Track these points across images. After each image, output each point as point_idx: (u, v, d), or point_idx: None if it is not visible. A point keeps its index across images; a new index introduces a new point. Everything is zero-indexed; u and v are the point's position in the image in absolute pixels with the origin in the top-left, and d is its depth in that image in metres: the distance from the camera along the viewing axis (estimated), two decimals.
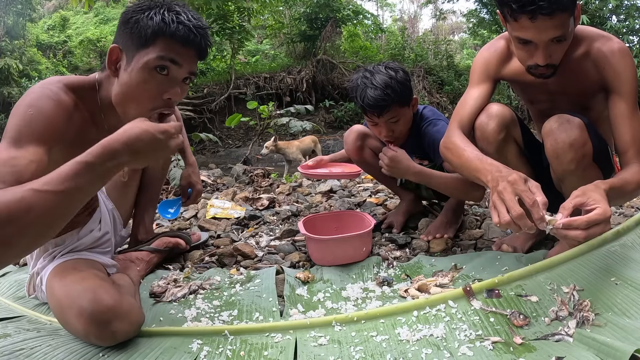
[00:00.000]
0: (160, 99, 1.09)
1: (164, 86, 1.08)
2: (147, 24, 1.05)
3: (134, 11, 1.08)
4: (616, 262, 1.35)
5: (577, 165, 1.30)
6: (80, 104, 1.12)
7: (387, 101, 1.63)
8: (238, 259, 1.76)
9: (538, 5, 1.12)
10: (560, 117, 1.30)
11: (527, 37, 1.22)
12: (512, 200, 1.05)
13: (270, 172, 3.71)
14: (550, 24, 1.16)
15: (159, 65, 1.06)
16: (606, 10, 10.19)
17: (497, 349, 1.05)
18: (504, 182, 1.09)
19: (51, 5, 20.43)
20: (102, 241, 1.48)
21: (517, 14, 1.17)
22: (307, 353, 1.09)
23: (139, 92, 1.07)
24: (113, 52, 1.08)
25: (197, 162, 1.84)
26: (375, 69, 1.70)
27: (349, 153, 1.99)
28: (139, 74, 1.06)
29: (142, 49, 1.06)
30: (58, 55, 16.29)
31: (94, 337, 1.09)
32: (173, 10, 1.07)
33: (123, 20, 1.10)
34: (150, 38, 1.05)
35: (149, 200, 1.72)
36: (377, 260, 1.62)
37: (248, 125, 7.21)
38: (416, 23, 25.20)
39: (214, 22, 9.45)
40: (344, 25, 12.22)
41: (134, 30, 1.05)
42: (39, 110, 1.02)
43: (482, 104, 1.45)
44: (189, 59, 1.10)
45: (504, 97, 10.74)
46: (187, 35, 1.07)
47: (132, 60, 1.07)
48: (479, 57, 1.50)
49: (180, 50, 1.08)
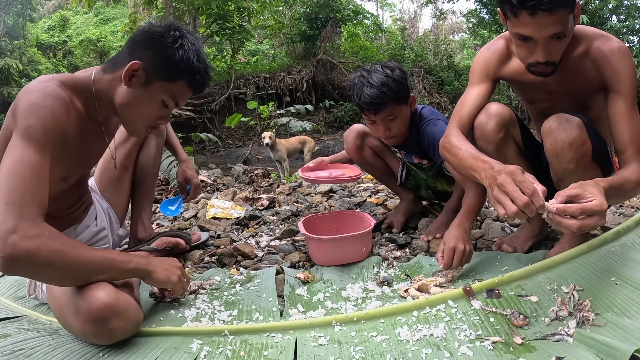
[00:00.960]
0: (153, 121, 1.27)
1: (160, 114, 1.25)
2: (178, 63, 1.18)
3: (170, 43, 1.18)
4: (616, 262, 1.35)
5: (576, 165, 1.30)
6: (74, 98, 1.19)
7: (383, 99, 1.63)
8: (238, 259, 1.76)
9: (538, 1, 1.13)
10: (559, 117, 1.30)
11: (527, 33, 1.22)
12: (515, 190, 1.04)
13: (270, 172, 3.71)
14: (550, 19, 1.16)
15: (166, 102, 1.23)
16: (606, 10, 10.19)
17: (497, 349, 1.05)
18: (503, 174, 1.08)
19: (51, 5, 20.43)
20: (99, 237, 1.51)
21: (517, 9, 1.18)
22: (307, 353, 1.09)
23: (142, 111, 1.23)
24: (135, 66, 1.17)
25: (197, 162, 1.86)
26: (372, 68, 1.71)
27: (349, 152, 1.99)
28: (149, 99, 1.21)
29: (163, 80, 1.20)
30: (58, 55, 16.28)
31: (92, 336, 1.09)
32: (201, 59, 1.22)
33: (155, 43, 1.18)
34: (175, 76, 1.20)
35: (144, 197, 1.73)
36: (377, 260, 1.62)
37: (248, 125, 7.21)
38: (416, 23, 25.21)
39: (214, 22, 9.45)
40: (344, 25, 12.22)
41: (164, 63, 1.18)
42: (50, 111, 1.08)
43: (482, 104, 1.45)
44: (186, 99, 1.28)
45: (504, 97, 10.74)
46: (200, 86, 1.26)
47: (151, 84, 1.19)
48: (479, 57, 1.50)
49: (187, 94, 1.26)
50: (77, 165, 1.28)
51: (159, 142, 1.73)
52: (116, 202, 1.68)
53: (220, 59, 12.43)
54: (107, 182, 1.66)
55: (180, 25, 1.25)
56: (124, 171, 1.66)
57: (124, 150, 1.62)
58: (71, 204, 1.43)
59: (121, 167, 1.64)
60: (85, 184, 1.49)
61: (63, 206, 1.39)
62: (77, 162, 1.26)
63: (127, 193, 1.71)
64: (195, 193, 1.76)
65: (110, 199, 1.66)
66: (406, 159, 2.04)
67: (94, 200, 1.57)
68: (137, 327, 1.17)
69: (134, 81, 1.19)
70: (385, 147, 2.02)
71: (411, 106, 1.78)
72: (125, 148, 1.63)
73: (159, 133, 1.72)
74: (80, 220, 1.45)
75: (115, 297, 1.08)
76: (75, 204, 1.44)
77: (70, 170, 1.26)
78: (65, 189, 1.31)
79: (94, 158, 1.42)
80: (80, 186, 1.44)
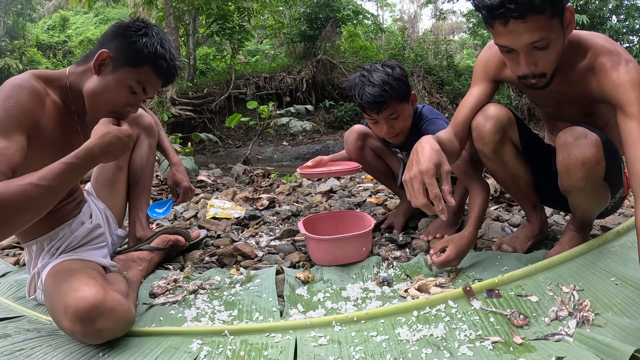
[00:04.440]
0: (122, 108, 1.29)
1: (128, 101, 1.29)
2: (142, 49, 1.24)
3: (134, 30, 1.25)
4: (616, 262, 1.35)
5: (586, 183, 1.27)
6: (49, 90, 1.25)
7: (385, 97, 1.63)
8: (238, 259, 1.76)
9: (507, 9, 1.08)
10: (576, 130, 1.25)
11: (503, 43, 1.17)
12: (418, 190, 1.09)
13: (270, 172, 3.70)
14: (523, 27, 1.10)
15: (133, 87, 1.27)
16: (606, 10, 10.19)
17: (497, 349, 1.05)
18: (416, 169, 1.10)
19: (51, 5, 20.44)
20: (95, 234, 1.51)
21: (490, 20, 1.14)
22: (307, 353, 1.10)
23: (109, 97, 1.26)
24: (103, 55, 1.24)
25: (197, 162, 1.87)
26: (372, 67, 1.71)
27: (350, 153, 1.99)
28: (116, 85, 1.25)
29: (129, 66, 1.25)
30: (58, 55, 16.29)
31: (80, 335, 1.09)
32: (165, 46, 1.28)
33: (121, 33, 1.26)
34: (139, 61, 1.25)
35: (141, 196, 1.74)
36: (377, 260, 1.62)
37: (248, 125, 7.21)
38: (416, 23, 25.20)
39: (214, 22, 9.44)
40: (344, 25, 12.20)
41: (129, 49, 1.24)
42: (16, 101, 1.14)
43: (479, 104, 1.43)
44: (155, 88, 1.32)
45: (504, 97, 10.72)
46: (165, 72, 1.30)
47: (117, 70, 1.25)
48: (480, 57, 1.48)
49: (154, 81, 1.30)
50: (59, 157, 1.29)
51: (151, 142, 1.75)
52: (112, 202, 1.69)
53: (220, 59, 12.41)
54: (102, 183, 1.68)
55: (147, 19, 1.34)
56: (119, 171, 1.69)
57: None
58: (61, 199, 1.44)
59: (115, 168, 1.67)
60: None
61: None
62: (59, 154, 1.26)
63: (123, 193, 1.73)
64: (185, 196, 1.77)
65: (106, 199, 1.68)
66: (407, 159, 2.04)
67: (89, 200, 1.60)
68: (127, 328, 1.17)
69: (103, 69, 1.25)
70: (386, 148, 2.02)
71: (412, 104, 1.78)
72: None
73: (151, 133, 1.74)
74: (73, 215, 1.47)
75: (102, 297, 1.09)
76: (66, 199, 1.46)
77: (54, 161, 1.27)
78: None
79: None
80: None
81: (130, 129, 1.23)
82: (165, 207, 1.79)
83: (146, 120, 1.72)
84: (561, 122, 1.48)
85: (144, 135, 1.72)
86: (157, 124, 1.81)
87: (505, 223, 1.96)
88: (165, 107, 7.63)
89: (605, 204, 1.43)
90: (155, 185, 3.13)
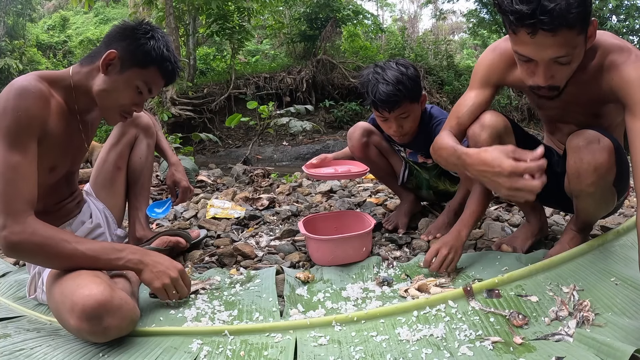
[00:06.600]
0: (128, 107, 1.36)
1: (135, 100, 1.35)
2: (150, 51, 1.30)
3: (142, 33, 1.30)
4: (616, 262, 1.35)
5: (596, 189, 1.26)
6: (53, 91, 1.27)
7: (399, 97, 1.63)
8: (238, 259, 1.76)
9: (539, 20, 1.01)
10: (588, 134, 1.22)
11: (525, 53, 1.11)
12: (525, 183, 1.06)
13: (270, 172, 3.70)
14: (552, 41, 1.05)
15: (140, 87, 1.32)
16: (606, 10, 10.20)
17: (497, 349, 1.05)
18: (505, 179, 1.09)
19: (51, 5, 20.44)
20: (95, 234, 1.53)
21: (515, 26, 1.07)
22: (307, 353, 1.10)
23: (118, 96, 1.32)
24: (111, 55, 1.27)
25: (197, 162, 1.87)
26: (386, 64, 1.70)
27: (353, 150, 1.97)
28: (124, 84, 1.31)
29: (137, 67, 1.30)
30: (58, 55, 16.28)
31: (87, 333, 1.09)
32: (170, 49, 1.35)
33: (128, 34, 1.30)
34: (147, 63, 1.31)
35: (140, 196, 1.75)
36: (377, 260, 1.62)
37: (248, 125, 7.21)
38: (416, 23, 25.19)
39: (214, 22, 9.44)
40: (344, 25, 12.19)
41: (138, 50, 1.29)
42: (26, 111, 1.16)
43: (478, 111, 1.39)
44: (159, 88, 1.39)
45: (504, 97, 10.73)
46: (169, 74, 1.37)
47: (126, 71, 1.29)
48: (484, 59, 1.41)
49: (159, 82, 1.36)
50: (62, 156, 1.34)
51: (150, 142, 1.76)
52: (112, 202, 1.70)
53: (220, 59, 12.41)
54: (101, 184, 1.69)
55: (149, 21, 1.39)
56: (118, 172, 1.70)
57: (115, 152, 1.68)
58: (62, 198, 1.46)
59: (114, 168, 1.69)
60: (74, 180, 1.52)
61: (54, 200, 1.42)
62: (63, 153, 1.33)
63: (122, 194, 1.73)
64: (183, 196, 1.78)
65: (105, 200, 1.68)
66: (411, 158, 2.04)
67: (89, 200, 1.61)
68: (133, 326, 1.17)
69: (111, 69, 1.29)
70: (389, 146, 2.02)
71: (422, 104, 1.78)
72: (117, 149, 1.69)
73: (149, 133, 1.75)
74: (73, 214, 1.48)
75: (109, 295, 1.09)
76: (66, 198, 1.47)
77: (57, 161, 1.32)
78: (55, 182, 1.36)
79: (78, 152, 1.45)
80: (69, 180, 1.47)
81: (182, 267, 1.32)
82: (164, 207, 1.79)
83: (144, 120, 1.73)
84: (563, 124, 1.47)
85: (142, 135, 1.73)
86: (155, 124, 1.81)
87: (505, 223, 1.96)
88: (166, 107, 7.63)
89: (611, 208, 1.43)
90: (155, 185, 3.13)
